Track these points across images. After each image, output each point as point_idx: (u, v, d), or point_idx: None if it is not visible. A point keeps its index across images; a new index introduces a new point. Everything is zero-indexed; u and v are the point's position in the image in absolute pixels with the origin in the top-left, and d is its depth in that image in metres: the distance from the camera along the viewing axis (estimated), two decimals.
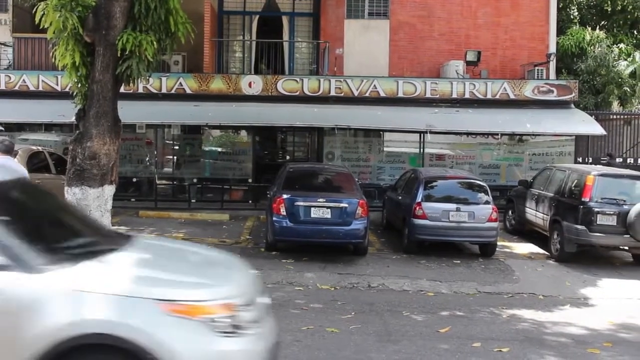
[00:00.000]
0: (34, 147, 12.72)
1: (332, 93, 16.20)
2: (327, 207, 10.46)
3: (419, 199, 11.20)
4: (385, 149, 17.24)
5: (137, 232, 9.73)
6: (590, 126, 15.99)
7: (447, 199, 11.33)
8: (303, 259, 10.47)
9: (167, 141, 17.47)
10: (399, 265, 10.54)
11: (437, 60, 17.84)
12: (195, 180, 16.91)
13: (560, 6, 20.91)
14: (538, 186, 12.88)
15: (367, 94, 16.25)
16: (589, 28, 22.52)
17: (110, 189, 8.90)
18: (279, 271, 9.63)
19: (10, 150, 8.19)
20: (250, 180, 16.77)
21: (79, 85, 9.13)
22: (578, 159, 16.63)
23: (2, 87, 15.89)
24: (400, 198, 12.45)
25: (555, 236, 11.46)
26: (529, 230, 13.17)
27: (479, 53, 17.12)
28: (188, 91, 16.00)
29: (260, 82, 16.12)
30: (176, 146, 17.54)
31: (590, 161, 16.55)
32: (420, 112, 15.96)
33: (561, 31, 21.63)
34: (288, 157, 18.66)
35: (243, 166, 16.94)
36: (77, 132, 8.90)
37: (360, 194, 10.98)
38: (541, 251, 12.00)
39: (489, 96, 16.42)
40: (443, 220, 11.02)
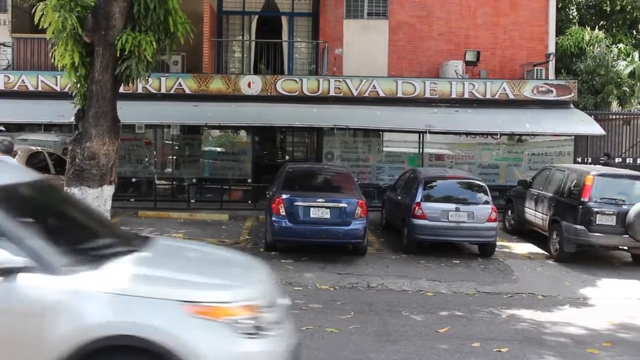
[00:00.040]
0: (33, 148, 12.75)
1: (332, 93, 16.20)
2: (327, 207, 10.46)
3: (419, 199, 11.20)
4: (384, 149, 17.24)
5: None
6: (589, 126, 16.00)
7: (447, 199, 11.33)
8: (302, 259, 10.47)
9: (167, 141, 17.46)
10: (398, 265, 10.54)
11: (436, 60, 17.84)
12: (194, 180, 16.90)
13: (559, 6, 20.93)
14: (537, 186, 12.88)
15: (367, 94, 16.25)
16: (588, 28, 22.53)
17: (109, 189, 8.90)
18: (278, 271, 9.59)
19: (9, 150, 8.19)
20: (249, 180, 16.77)
21: (78, 85, 9.14)
22: (577, 159, 16.63)
23: (1, 88, 15.87)
24: (399, 198, 12.45)
25: (554, 236, 11.46)
26: (528, 230, 13.17)
27: (478, 53, 17.13)
28: (187, 91, 16.00)
29: (259, 82, 16.12)
30: (175, 146, 17.55)
31: (589, 161, 16.55)
32: (419, 112, 15.96)
33: (560, 31, 21.64)
34: (287, 157, 18.66)
35: (242, 166, 16.94)
36: (77, 133, 8.90)
37: (359, 194, 10.97)
38: (540, 251, 12.00)
39: (488, 96, 16.42)
40: (442, 220, 11.02)
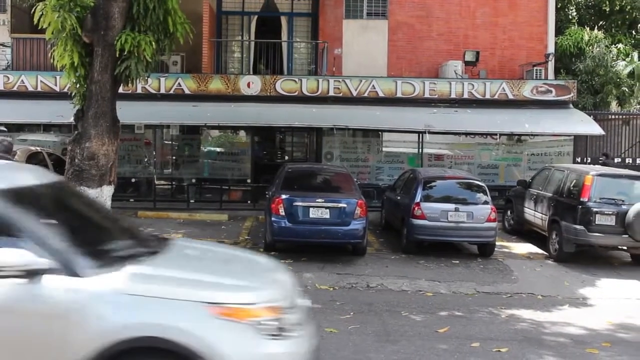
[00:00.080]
0: (33, 148, 12.74)
1: (331, 93, 16.20)
2: (326, 208, 10.46)
3: (418, 199, 11.21)
4: (384, 149, 17.24)
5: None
6: (588, 126, 16.00)
7: (446, 199, 11.34)
8: (302, 259, 10.46)
9: (166, 141, 17.45)
10: (398, 265, 10.54)
11: (436, 60, 17.85)
12: (194, 180, 16.90)
13: (558, 6, 20.94)
14: (537, 186, 12.88)
15: (366, 94, 16.25)
16: (588, 28, 22.55)
17: (108, 190, 8.89)
18: None
19: (8, 150, 8.20)
20: (249, 180, 16.76)
21: (78, 85, 9.13)
22: (577, 159, 16.64)
23: (1, 88, 15.86)
24: (399, 198, 12.45)
25: (553, 236, 11.47)
26: (528, 230, 13.18)
27: (478, 53, 17.13)
28: (187, 91, 16.00)
29: (258, 83, 16.12)
30: (175, 146, 17.53)
31: (588, 161, 16.56)
32: (418, 112, 15.96)
33: (560, 31, 21.65)
34: (287, 157, 18.67)
35: (242, 166, 16.93)
36: (76, 133, 8.89)
37: (359, 194, 10.98)
38: (540, 251, 12.00)
39: (488, 96, 16.42)
40: (442, 220, 11.02)
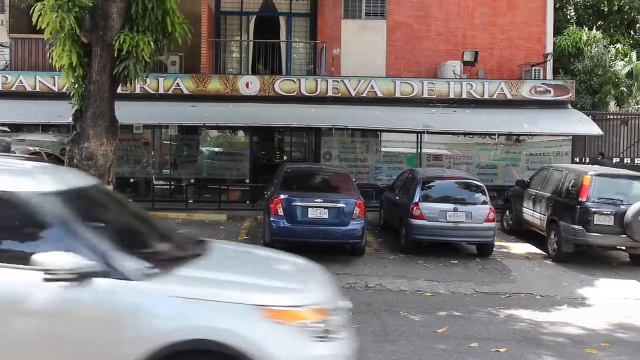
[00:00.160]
0: (31, 148, 12.74)
1: (330, 93, 16.20)
2: (325, 208, 10.46)
3: (417, 200, 11.21)
4: (382, 150, 17.24)
5: None
6: (587, 126, 16.02)
7: (445, 200, 11.33)
8: None
9: (165, 142, 17.44)
10: (397, 265, 10.54)
11: (435, 60, 17.85)
12: (192, 180, 16.89)
13: (557, 6, 20.96)
14: (535, 186, 12.88)
15: (365, 95, 16.26)
16: (586, 28, 22.58)
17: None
18: None
19: (7, 150, 8.19)
20: (247, 180, 16.76)
21: (77, 86, 9.13)
22: (575, 160, 16.66)
23: (0, 88, 15.87)
24: (397, 198, 12.45)
25: (552, 236, 11.47)
26: (527, 230, 13.18)
27: (476, 53, 17.14)
28: (185, 92, 16.00)
29: (257, 83, 16.12)
30: (174, 147, 17.52)
31: (587, 161, 16.57)
32: (417, 113, 15.97)
33: (558, 31, 21.68)
34: (286, 158, 18.67)
35: (241, 167, 16.93)
36: (75, 133, 8.89)
37: (357, 195, 10.98)
38: (539, 251, 12.00)
39: (487, 96, 16.44)
40: (441, 220, 11.03)
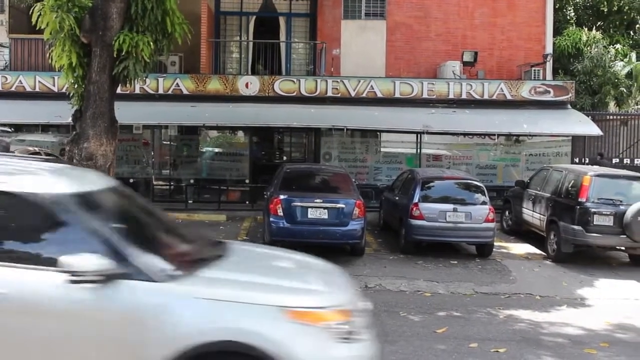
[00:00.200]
0: (31, 148, 12.72)
1: (329, 93, 16.20)
2: (324, 208, 10.46)
3: (416, 200, 11.21)
4: (382, 150, 17.24)
5: None
6: (586, 127, 16.02)
7: (444, 200, 11.34)
8: None
9: (164, 142, 17.43)
10: (396, 265, 10.54)
11: (434, 60, 17.85)
12: (192, 181, 16.89)
13: (556, 7, 20.96)
14: (535, 187, 12.88)
15: (364, 95, 16.26)
16: (586, 29, 22.61)
17: None
18: None
19: (6, 150, 8.20)
20: (247, 181, 16.76)
21: (76, 86, 9.13)
22: (575, 160, 16.67)
23: None
24: (397, 199, 12.45)
25: (552, 236, 11.47)
26: (526, 230, 13.18)
27: (476, 53, 17.14)
28: (185, 92, 15.99)
29: (257, 83, 16.12)
30: (173, 147, 17.51)
31: (586, 162, 16.58)
32: (417, 113, 15.97)
33: (558, 32, 21.70)
34: (285, 158, 18.65)
35: (240, 167, 16.92)
36: (74, 133, 8.89)
37: (357, 195, 10.98)
38: (538, 251, 12.01)
39: (486, 97, 16.44)
40: (440, 220, 11.03)
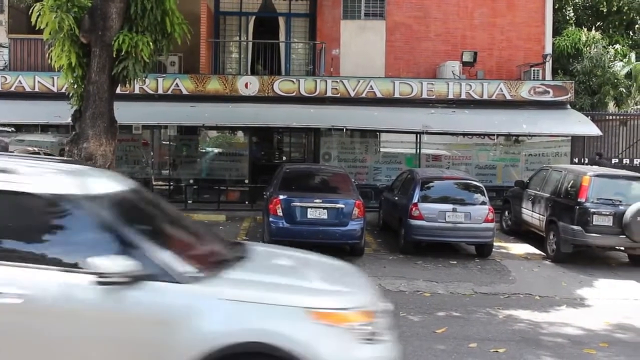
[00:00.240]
0: (30, 148, 12.73)
1: (329, 94, 16.20)
2: (324, 208, 10.46)
3: (416, 200, 11.21)
4: (381, 150, 17.24)
5: None
6: (586, 127, 16.03)
7: (444, 200, 11.34)
8: None
9: (164, 142, 17.43)
10: (396, 265, 10.54)
11: (434, 60, 17.85)
12: (191, 181, 16.89)
13: (556, 7, 20.98)
14: (534, 187, 12.89)
15: (364, 95, 16.26)
16: (585, 29, 22.62)
17: None
18: None
19: (5, 150, 8.19)
20: (246, 181, 16.76)
21: (75, 86, 9.13)
22: (574, 160, 16.67)
23: None
24: (396, 199, 12.45)
25: (551, 237, 11.47)
26: (525, 230, 13.18)
27: (475, 54, 17.14)
28: (184, 92, 15.99)
29: (256, 83, 16.12)
30: (173, 147, 17.51)
31: (586, 162, 16.59)
32: (416, 113, 15.98)
33: (557, 32, 21.71)
34: (284, 158, 18.66)
35: (240, 167, 16.93)
36: (73, 133, 8.89)
37: (356, 195, 10.98)
38: (537, 252, 12.01)
39: (485, 97, 16.45)
40: (439, 221, 11.03)
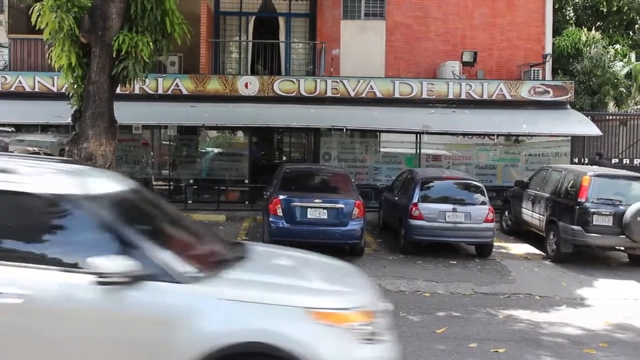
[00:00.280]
0: (30, 148, 12.73)
1: (329, 94, 16.20)
2: (324, 208, 10.46)
3: (416, 200, 11.21)
4: (381, 150, 17.24)
5: None
6: (586, 127, 16.03)
7: (444, 200, 11.34)
8: None
9: (164, 142, 17.44)
10: (396, 265, 10.54)
11: (434, 60, 17.85)
12: (191, 181, 16.89)
13: (556, 7, 20.98)
14: (534, 187, 12.89)
15: (364, 95, 16.26)
16: (585, 29, 22.62)
17: None
18: None
19: (5, 150, 8.19)
20: (246, 181, 16.76)
21: (75, 86, 9.13)
22: (574, 160, 16.67)
23: None
24: (396, 199, 12.45)
25: (551, 237, 11.47)
26: (525, 230, 13.18)
27: (475, 54, 17.14)
28: (184, 92, 15.99)
29: (256, 83, 16.12)
30: (173, 147, 17.51)
31: (586, 162, 16.59)
32: (416, 113, 15.98)
33: (557, 32, 21.71)
34: (284, 158, 18.66)
35: (240, 167, 16.93)
36: (73, 133, 8.89)
37: (356, 195, 10.98)
38: (537, 252, 12.01)
39: (485, 97, 16.45)
40: (439, 220, 11.03)
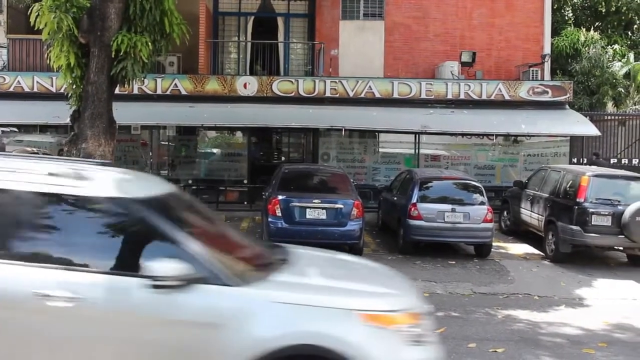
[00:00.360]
0: (29, 149, 12.71)
1: (328, 94, 16.20)
2: (323, 208, 10.46)
3: (414, 200, 11.21)
4: (380, 150, 17.24)
5: None
6: (584, 127, 16.04)
7: (443, 200, 11.34)
8: None
9: (163, 142, 17.41)
10: (394, 266, 10.44)
11: (432, 61, 17.85)
12: (190, 181, 16.87)
13: (554, 7, 21.01)
14: (533, 187, 12.90)
15: (362, 95, 16.26)
16: (584, 29, 22.66)
17: None
18: None
19: (2, 150, 8.18)
20: (245, 181, 16.76)
21: (74, 86, 9.11)
22: (573, 160, 16.69)
23: None
24: (395, 199, 12.46)
25: (550, 237, 11.48)
26: (524, 230, 13.19)
27: (474, 54, 17.14)
28: (183, 92, 15.99)
29: (255, 83, 16.11)
30: (171, 147, 17.49)
31: (584, 162, 16.60)
32: (415, 113, 15.98)
33: (556, 32, 21.74)
34: (283, 158, 18.64)
35: (238, 167, 16.93)
36: (72, 134, 8.88)
37: (355, 195, 10.98)
38: (536, 252, 12.02)
39: (484, 97, 16.45)
40: (438, 221, 11.03)
